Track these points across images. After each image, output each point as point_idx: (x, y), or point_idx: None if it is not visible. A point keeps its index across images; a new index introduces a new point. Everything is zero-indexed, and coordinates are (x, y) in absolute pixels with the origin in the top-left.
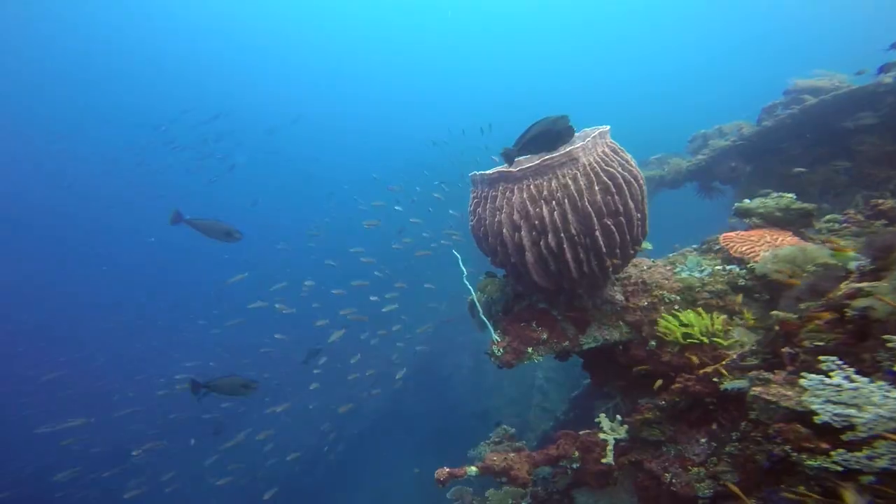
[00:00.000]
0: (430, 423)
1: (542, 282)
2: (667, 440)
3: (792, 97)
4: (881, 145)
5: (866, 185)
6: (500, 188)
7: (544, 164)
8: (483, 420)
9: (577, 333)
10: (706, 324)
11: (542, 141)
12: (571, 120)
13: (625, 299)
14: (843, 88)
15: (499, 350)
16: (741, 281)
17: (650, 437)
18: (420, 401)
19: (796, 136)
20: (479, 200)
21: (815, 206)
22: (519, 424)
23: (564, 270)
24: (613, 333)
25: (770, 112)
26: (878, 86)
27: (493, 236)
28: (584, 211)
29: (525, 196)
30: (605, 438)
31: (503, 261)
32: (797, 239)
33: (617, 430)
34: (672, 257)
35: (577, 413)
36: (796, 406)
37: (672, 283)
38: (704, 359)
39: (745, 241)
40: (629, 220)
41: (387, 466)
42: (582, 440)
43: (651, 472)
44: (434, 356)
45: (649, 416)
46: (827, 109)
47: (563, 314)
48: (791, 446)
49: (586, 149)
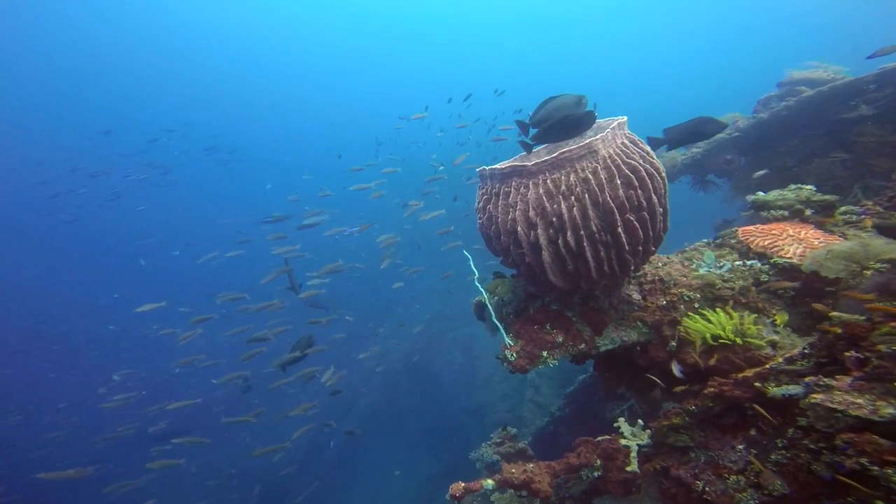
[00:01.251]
0: (421, 420)
1: (558, 282)
2: (696, 446)
3: (786, 89)
4: (882, 136)
5: (868, 176)
6: (514, 183)
7: (562, 156)
8: (476, 416)
9: (593, 335)
10: (737, 324)
11: (562, 128)
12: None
13: (642, 298)
14: (839, 80)
15: (512, 355)
16: (764, 277)
17: (677, 442)
18: (411, 398)
19: (793, 128)
20: (490, 197)
21: (836, 198)
22: (512, 420)
23: (583, 270)
24: (631, 334)
25: (765, 104)
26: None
27: (507, 235)
28: (606, 206)
29: (542, 191)
30: (627, 445)
31: (516, 261)
32: (821, 232)
33: (639, 435)
34: (687, 252)
35: (573, 409)
36: (871, 415)
37: (690, 281)
38: (737, 360)
39: (766, 235)
40: (652, 215)
41: (378, 466)
42: (603, 447)
43: (679, 479)
44: (425, 353)
45: (677, 421)
46: (824, 101)
47: (579, 315)
48: (869, 459)
49: (606, 140)
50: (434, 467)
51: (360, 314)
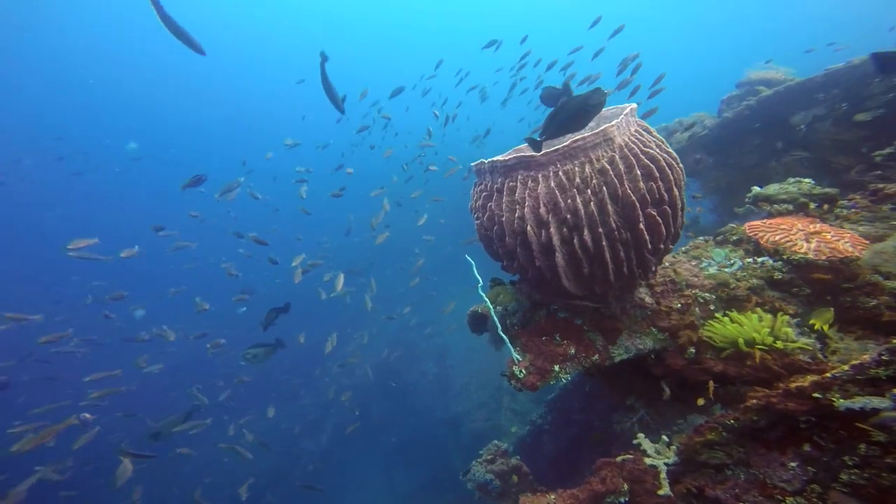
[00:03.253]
0: (397, 432)
1: (572, 288)
2: (733, 463)
3: (746, 89)
4: (837, 134)
5: (828, 173)
6: (520, 177)
7: (574, 144)
8: (453, 427)
9: (606, 344)
10: (773, 327)
11: (572, 121)
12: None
13: (655, 302)
14: (791, 81)
15: (520, 371)
16: (777, 274)
17: (711, 459)
18: (386, 410)
19: (755, 127)
20: (491, 194)
21: (837, 191)
22: (490, 429)
23: (600, 273)
24: (646, 341)
25: (728, 104)
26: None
27: (512, 235)
28: (627, 200)
29: (553, 184)
30: (653, 464)
31: (524, 264)
32: (830, 226)
33: (664, 452)
34: (692, 251)
35: (556, 417)
36: None
37: (703, 281)
38: (775, 367)
39: (775, 229)
40: (674, 209)
41: (353, 481)
42: (629, 469)
43: (717, 500)
44: (398, 364)
45: (712, 436)
46: (781, 101)
47: (589, 323)
48: None
49: (620, 127)
50: (412, 482)
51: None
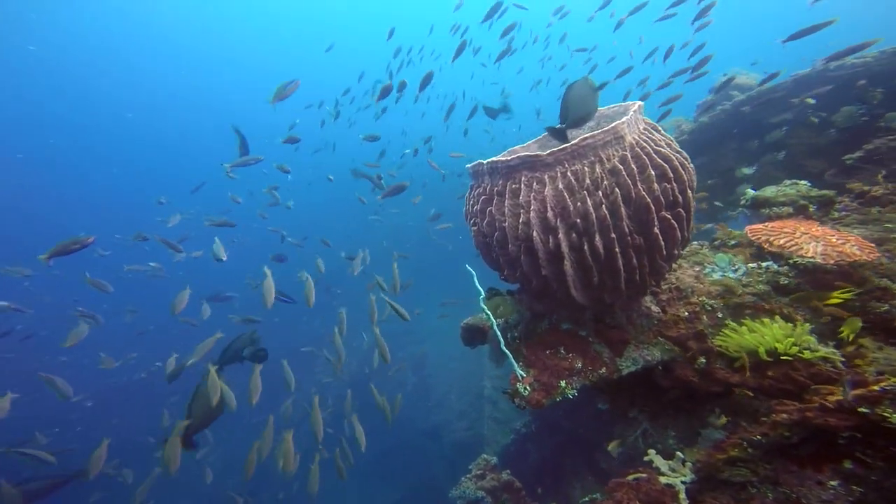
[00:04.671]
0: (374, 445)
1: (580, 297)
2: (758, 481)
3: (721, 94)
4: (810, 138)
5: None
6: (524, 179)
7: (584, 143)
8: (433, 438)
9: (613, 356)
10: (795, 334)
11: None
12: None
13: (661, 310)
14: (762, 86)
15: (524, 388)
16: (783, 279)
17: (733, 477)
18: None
19: (731, 132)
20: (491, 197)
21: (834, 193)
22: (472, 438)
23: (610, 281)
24: (654, 352)
25: (704, 108)
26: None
27: (516, 242)
28: (641, 202)
29: (562, 186)
30: (670, 483)
31: (527, 274)
32: (831, 229)
33: (679, 470)
34: (691, 256)
35: (539, 425)
36: None
37: (708, 287)
38: (800, 378)
39: (779, 233)
40: (688, 211)
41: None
42: (645, 490)
43: None
44: (374, 375)
45: (736, 453)
46: (754, 106)
47: (594, 334)
48: None
49: (630, 125)
50: (391, 496)
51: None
